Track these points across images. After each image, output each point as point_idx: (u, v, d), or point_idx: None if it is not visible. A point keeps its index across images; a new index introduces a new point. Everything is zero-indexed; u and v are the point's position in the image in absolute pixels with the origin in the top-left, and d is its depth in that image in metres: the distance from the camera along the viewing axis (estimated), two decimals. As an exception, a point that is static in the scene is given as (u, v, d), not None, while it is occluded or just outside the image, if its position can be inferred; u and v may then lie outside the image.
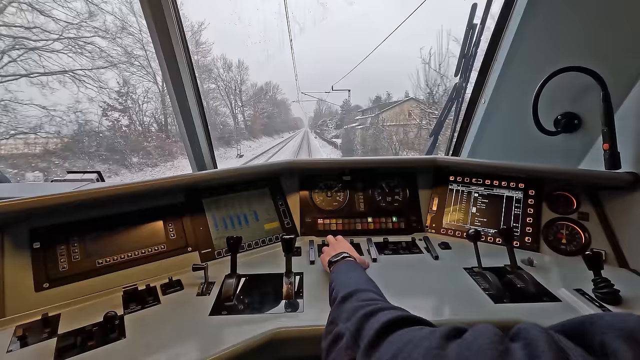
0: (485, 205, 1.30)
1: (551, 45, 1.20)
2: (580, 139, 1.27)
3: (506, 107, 1.43)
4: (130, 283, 0.97)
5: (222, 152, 13.84)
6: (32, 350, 0.75)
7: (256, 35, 32.47)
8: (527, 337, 0.31)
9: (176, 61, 1.35)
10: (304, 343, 0.79)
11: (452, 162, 1.43)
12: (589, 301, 0.84)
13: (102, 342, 0.76)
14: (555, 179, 1.19)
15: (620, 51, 1.10)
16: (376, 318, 0.48)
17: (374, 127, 15.38)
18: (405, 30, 16.86)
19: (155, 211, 1.14)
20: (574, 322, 0.34)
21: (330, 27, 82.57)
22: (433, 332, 0.37)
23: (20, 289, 0.91)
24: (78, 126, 8.13)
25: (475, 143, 1.60)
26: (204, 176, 1.20)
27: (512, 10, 1.25)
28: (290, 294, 0.92)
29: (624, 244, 1.06)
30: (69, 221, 1.01)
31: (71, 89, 7.74)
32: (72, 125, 7.87)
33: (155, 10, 1.22)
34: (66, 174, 1.91)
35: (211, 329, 0.80)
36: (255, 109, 20.67)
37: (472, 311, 0.84)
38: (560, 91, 1.21)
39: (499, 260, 1.05)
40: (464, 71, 1.69)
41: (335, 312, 0.59)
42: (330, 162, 1.55)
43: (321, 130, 27.79)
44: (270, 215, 1.34)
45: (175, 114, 1.53)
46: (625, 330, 0.29)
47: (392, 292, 0.76)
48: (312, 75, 57.03)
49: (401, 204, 1.40)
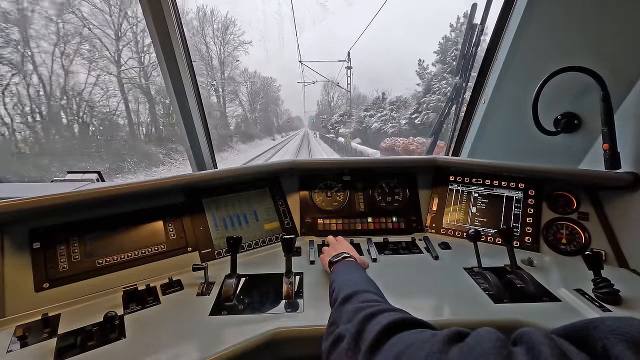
0: (485, 205, 1.30)
1: (551, 45, 1.20)
2: (580, 139, 1.27)
3: (506, 107, 1.43)
4: (130, 283, 0.97)
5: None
6: (32, 350, 0.75)
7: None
8: (529, 341, 0.31)
9: (176, 61, 1.35)
10: (304, 343, 0.79)
11: (452, 162, 1.43)
12: (589, 301, 0.84)
13: (102, 342, 0.76)
14: (555, 179, 1.19)
15: (620, 51, 1.10)
16: (377, 320, 0.47)
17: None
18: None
19: (155, 211, 1.14)
20: (577, 326, 0.33)
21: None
22: (435, 336, 0.37)
23: (20, 289, 0.91)
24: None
25: (475, 143, 1.60)
26: (204, 176, 1.20)
27: (512, 10, 1.25)
28: (290, 294, 0.92)
29: (624, 244, 1.06)
30: (69, 221, 1.01)
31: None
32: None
33: (155, 10, 1.22)
34: (66, 174, 1.91)
35: (211, 329, 0.80)
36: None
37: (472, 311, 0.84)
38: (560, 91, 1.21)
39: (499, 260, 1.05)
40: (464, 71, 1.69)
41: (336, 313, 0.59)
42: (330, 162, 1.55)
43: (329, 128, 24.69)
44: (270, 215, 1.34)
45: (175, 114, 1.53)
46: (628, 335, 0.29)
47: (392, 292, 0.77)
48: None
49: (401, 204, 1.40)
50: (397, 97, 21.65)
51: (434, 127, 1.97)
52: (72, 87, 9.71)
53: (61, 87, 9.11)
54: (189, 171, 1.60)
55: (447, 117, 1.86)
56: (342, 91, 22.63)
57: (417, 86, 19.60)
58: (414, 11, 26.74)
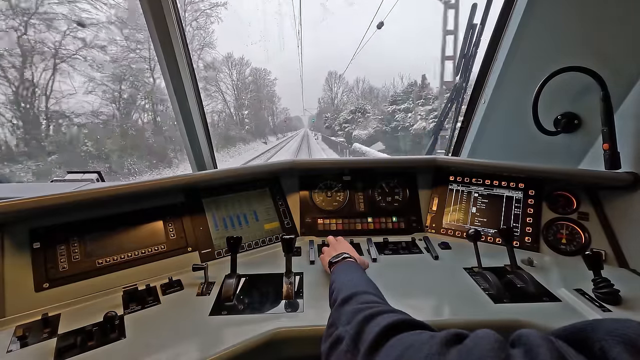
0: (485, 205, 1.30)
1: (551, 45, 1.20)
2: (580, 139, 1.26)
3: (506, 107, 1.43)
4: (130, 283, 0.98)
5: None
6: (32, 350, 0.75)
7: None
8: (527, 343, 0.31)
9: (176, 61, 1.35)
10: (303, 343, 0.79)
11: (452, 162, 1.43)
12: (589, 301, 0.84)
13: (102, 342, 0.76)
14: (555, 179, 1.19)
15: (620, 51, 1.10)
16: (376, 321, 0.47)
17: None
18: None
19: (155, 211, 1.14)
20: (575, 328, 0.33)
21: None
22: (433, 337, 0.37)
23: (20, 289, 0.91)
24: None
25: (475, 143, 1.60)
26: (204, 176, 1.20)
27: (512, 10, 1.25)
28: (290, 294, 0.92)
29: (624, 244, 1.06)
30: (69, 221, 1.01)
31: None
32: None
33: (155, 10, 1.22)
34: (66, 174, 1.91)
35: (211, 329, 0.80)
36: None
37: (472, 311, 0.84)
38: (560, 91, 1.21)
39: (499, 260, 1.05)
40: (464, 71, 1.69)
41: (335, 314, 0.59)
42: (330, 162, 1.56)
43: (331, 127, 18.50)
44: (270, 215, 1.34)
45: (175, 114, 1.53)
46: (625, 337, 0.29)
47: (392, 292, 0.77)
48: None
49: (401, 204, 1.40)
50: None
51: (434, 126, 1.98)
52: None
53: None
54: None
55: (447, 117, 1.86)
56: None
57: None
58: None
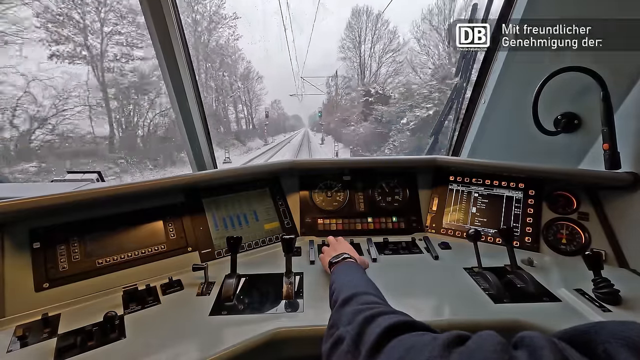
0: (485, 205, 1.30)
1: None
2: (580, 139, 1.27)
3: (506, 107, 1.43)
4: (130, 283, 0.97)
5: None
6: (32, 350, 0.75)
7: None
8: (530, 345, 0.31)
9: (176, 61, 1.35)
10: (304, 343, 0.79)
11: (452, 162, 1.42)
12: (589, 301, 0.84)
13: (102, 342, 0.76)
14: (555, 179, 1.19)
15: (620, 51, 1.10)
16: (377, 322, 0.47)
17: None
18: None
19: (155, 211, 1.14)
20: (579, 330, 0.33)
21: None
22: (435, 339, 0.37)
23: (20, 289, 0.91)
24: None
25: (475, 143, 1.60)
26: (204, 176, 1.20)
27: (512, 9, 1.25)
28: (290, 294, 0.92)
29: (624, 244, 1.06)
30: (69, 221, 1.01)
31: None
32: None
33: (155, 10, 1.22)
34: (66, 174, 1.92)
35: (211, 329, 0.80)
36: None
37: (472, 311, 0.84)
38: (560, 91, 1.21)
39: (499, 260, 1.05)
40: (464, 71, 1.69)
41: (336, 315, 0.59)
42: (330, 162, 1.55)
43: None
44: (270, 215, 1.34)
45: (175, 114, 1.53)
46: (629, 339, 0.28)
47: (392, 293, 0.76)
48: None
49: (401, 204, 1.40)
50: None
51: (434, 126, 1.98)
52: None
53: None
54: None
55: (447, 116, 1.86)
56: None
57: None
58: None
